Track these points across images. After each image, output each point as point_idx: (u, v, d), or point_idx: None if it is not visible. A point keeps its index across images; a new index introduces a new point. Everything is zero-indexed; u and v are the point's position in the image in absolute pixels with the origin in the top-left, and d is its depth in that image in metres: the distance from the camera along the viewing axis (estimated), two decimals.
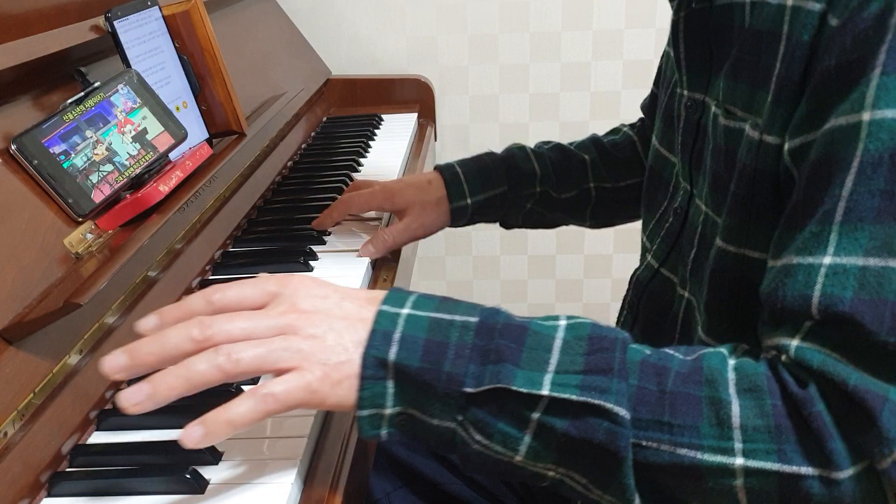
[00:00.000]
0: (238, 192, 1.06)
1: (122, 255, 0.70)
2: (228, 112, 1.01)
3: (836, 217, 0.51)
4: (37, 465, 0.59)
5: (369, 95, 1.68)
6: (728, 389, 0.52)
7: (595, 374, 0.53)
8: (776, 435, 0.51)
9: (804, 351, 0.52)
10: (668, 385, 0.53)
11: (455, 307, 0.57)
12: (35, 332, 0.63)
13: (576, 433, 0.52)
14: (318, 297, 0.57)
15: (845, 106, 0.51)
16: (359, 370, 0.54)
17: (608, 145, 1.03)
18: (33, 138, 0.71)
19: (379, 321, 0.55)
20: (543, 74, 1.77)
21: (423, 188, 0.98)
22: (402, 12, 1.73)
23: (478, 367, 0.53)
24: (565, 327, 0.56)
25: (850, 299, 0.50)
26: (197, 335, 0.54)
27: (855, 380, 0.49)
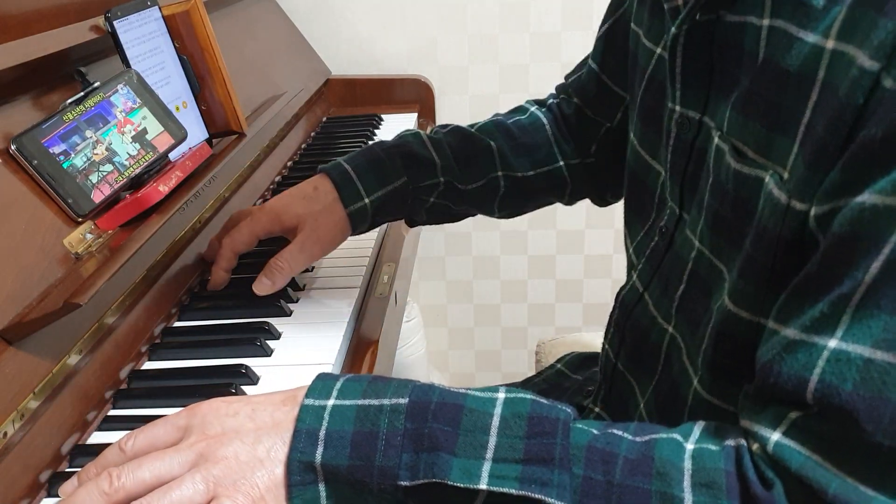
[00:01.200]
0: (238, 192, 1.06)
1: (122, 255, 0.70)
2: (228, 112, 1.01)
3: (853, 301, 0.47)
4: (37, 465, 0.59)
5: (369, 95, 1.68)
6: (682, 483, 0.49)
7: (535, 464, 0.50)
8: None
9: (783, 448, 0.48)
10: (615, 476, 0.50)
11: (384, 388, 0.54)
12: (35, 332, 0.63)
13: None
14: (226, 416, 0.54)
15: (884, 185, 0.46)
16: (283, 479, 0.51)
17: (514, 129, 0.93)
18: (33, 138, 0.71)
19: (302, 419, 0.52)
20: (543, 74, 1.77)
21: (310, 196, 0.84)
22: (402, 12, 1.73)
23: (411, 455, 0.50)
24: (503, 402, 0.53)
25: (849, 392, 0.46)
26: (106, 488, 0.51)
27: (836, 487, 0.46)
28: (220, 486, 0.51)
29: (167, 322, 0.81)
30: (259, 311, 0.82)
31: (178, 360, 0.76)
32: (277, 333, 0.79)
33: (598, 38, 0.92)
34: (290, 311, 0.83)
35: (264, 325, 0.79)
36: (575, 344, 1.17)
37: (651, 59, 0.73)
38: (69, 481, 0.55)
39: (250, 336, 0.77)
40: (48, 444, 0.61)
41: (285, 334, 0.79)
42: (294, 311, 0.83)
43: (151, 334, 0.78)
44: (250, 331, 0.78)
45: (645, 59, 0.74)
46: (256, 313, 0.82)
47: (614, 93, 0.90)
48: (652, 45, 0.73)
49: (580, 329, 1.97)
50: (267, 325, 0.79)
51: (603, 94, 0.92)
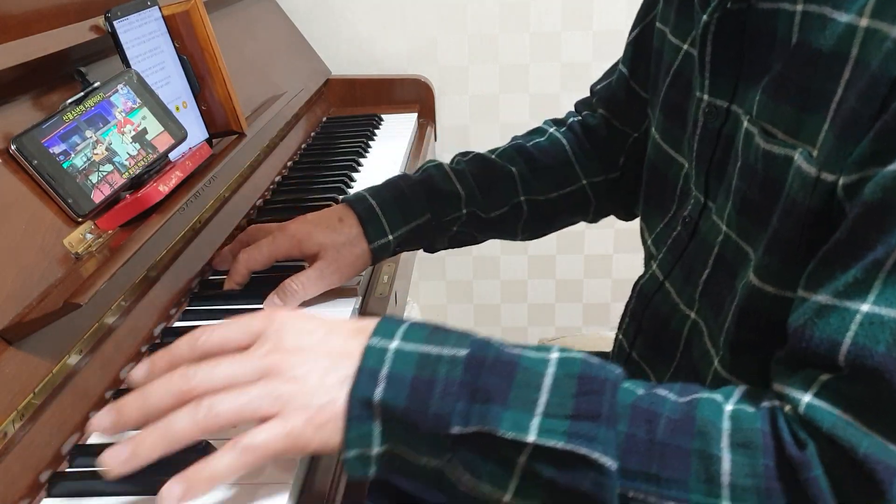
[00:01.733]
0: (238, 192, 1.06)
1: (122, 255, 0.70)
2: (228, 112, 1.01)
3: (885, 266, 0.48)
4: (37, 465, 0.59)
5: (369, 95, 1.68)
6: (720, 443, 0.51)
7: (583, 420, 0.51)
8: (765, 497, 0.49)
9: (815, 409, 0.50)
10: (657, 434, 0.51)
11: (446, 338, 0.55)
12: (35, 332, 0.63)
13: (562, 481, 0.51)
14: (303, 333, 0.56)
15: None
16: (344, 411, 0.53)
17: (534, 152, 0.94)
18: (33, 138, 0.71)
19: (366, 358, 0.54)
20: (543, 74, 1.77)
21: (335, 227, 0.85)
22: (402, 12, 1.73)
23: (465, 405, 0.52)
24: (556, 362, 0.54)
25: (882, 353, 0.47)
26: (180, 386, 0.53)
27: (867, 447, 0.47)
28: (287, 404, 0.52)
29: (167, 322, 0.81)
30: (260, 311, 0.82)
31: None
32: None
33: (627, 44, 0.92)
34: None
35: None
36: (575, 343, 1.17)
37: (678, 54, 0.74)
38: (139, 366, 0.57)
39: None
40: (48, 444, 0.61)
41: None
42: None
43: (151, 334, 0.78)
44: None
45: (671, 54, 0.76)
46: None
47: (642, 99, 0.90)
48: (678, 42, 0.75)
49: (580, 329, 1.97)
50: None
51: (632, 101, 0.92)
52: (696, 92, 0.69)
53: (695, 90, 0.70)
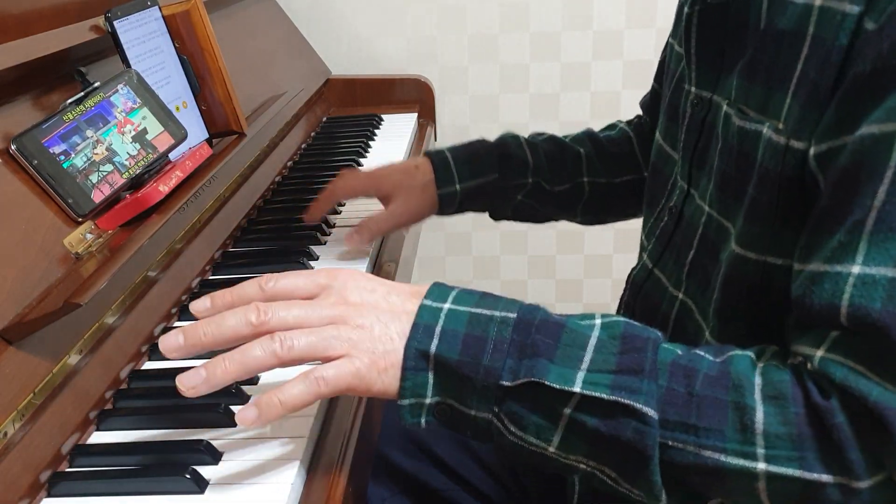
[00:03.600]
0: (238, 192, 1.06)
1: (122, 255, 0.70)
2: (228, 112, 1.01)
3: (866, 227, 0.51)
4: (37, 465, 0.59)
5: (369, 95, 1.67)
6: (754, 395, 0.53)
7: (626, 375, 0.54)
8: (798, 443, 0.52)
9: (827, 363, 0.52)
10: (696, 388, 0.54)
11: (495, 303, 0.59)
12: (35, 332, 0.63)
13: (605, 430, 0.54)
14: (365, 290, 0.60)
15: (879, 114, 0.50)
16: (402, 361, 0.56)
17: (604, 140, 1.00)
18: (33, 138, 0.71)
19: (421, 314, 0.58)
20: (543, 74, 1.77)
21: (411, 172, 0.94)
22: (402, 12, 1.73)
23: (514, 361, 0.55)
24: (600, 325, 0.58)
25: (879, 310, 0.50)
26: (254, 320, 0.56)
27: (876, 395, 0.50)
28: (353, 348, 0.56)
29: (167, 322, 0.81)
30: None
31: (179, 359, 0.75)
32: None
33: (659, 61, 0.95)
34: None
35: None
36: None
37: (680, 61, 0.77)
38: (200, 299, 0.60)
39: None
40: (48, 443, 0.61)
41: None
42: None
43: (151, 334, 0.78)
44: None
45: (675, 62, 0.79)
46: None
47: None
48: (680, 49, 0.78)
49: None
50: None
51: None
52: (685, 85, 0.73)
53: (683, 84, 0.74)
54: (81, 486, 0.59)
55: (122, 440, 0.65)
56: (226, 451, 0.62)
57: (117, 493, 0.59)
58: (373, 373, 0.56)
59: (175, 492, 0.58)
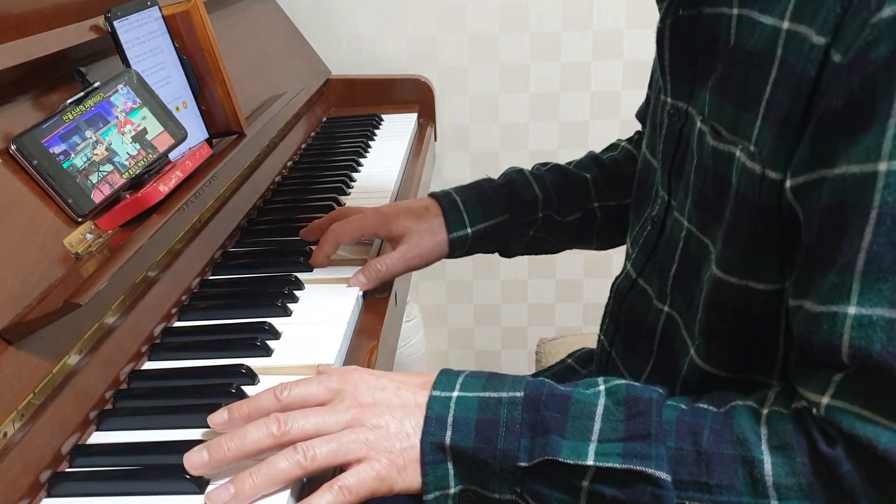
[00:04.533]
0: (238, 192, 1.06)
1: (122, 255, 0.70)
2: (228, 112, 1.01)
3: (857, 267, 0.51)
4: (37, 465, 0.59)
5: (369, 95, 1.67)
6: (760, 447, 0.54)
7: (635, 441, 0.56)
8: (808, 492, 0.52)
9: (833, 411, 0.52)
10: (703, 444, 0.55)
11: (501, 383, 0.61)
12: (35, 332, 0.63)
13: (624, 498, 0.55)
14: (376, 389, 0.61)
15: (858, 153, 0.50)
16: (419, 456, 0.58)
17: (608, 162, 0.99)
18: (33, 138, 0.71)
19: (432, 406, 0.60)
20: (543, 74, 1.77)
21: (420, 215, 0.92)
22: (402, 12, 1.73)
23: (528, 441, 0.57)
24: (605, 392, 0.59)
25: (880, 351, 0.50)
26: (275, 431, 0.58)
27: (885, 441, 0.50)
28: (372, 449, 0.58)
29: (167, 322, 0.81)
30: (259, 311, 0.82)
31: (178, 360, 0.76)
32: (278, 333, 0.78)
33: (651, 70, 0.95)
34: (291, 311, 0.83)
35: (265, 325, 0.79)
36: (576, 343, 1.17)
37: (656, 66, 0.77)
38: (218, 412, 0.62)
39: (251, 336, 0.77)
40: (48, 444, 0.61)
41: (285, 334, 0.79)
42: (294, 311, 0.83)
43: (151, 334, 0.78)
44: (251, 331, 0.78)
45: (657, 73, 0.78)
46: (257, 313, 0.82)
47: None
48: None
49: (580, 329, 1.97)
50: (267, 325, 0.79)
51: None
52: (662, 95, 0.73)
53: (660, 94, 0.74)
54: (81, 487, 0.59)
55: (122, 440, 0.65)
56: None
57: (117, 494, 0.59)
58: (392, 472, 0.58)
59: (175, 492, 0.58)
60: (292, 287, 0.87)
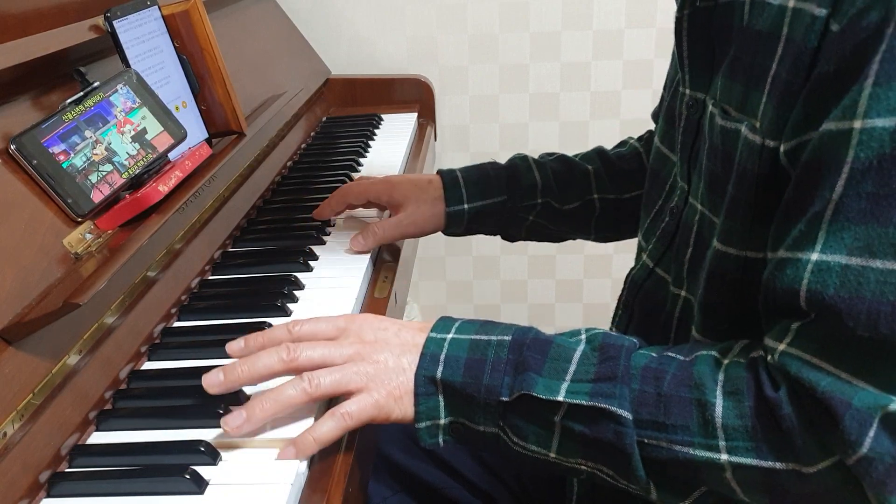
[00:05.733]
0: (238, 192, 1.06)
1: (122, 255, 0.70)
2: (228, 112, 1.01)
3: (825, 217, 0.54)
4: (36, 465, 0.59)
5: (369, 95, 1.67)
6: (715, 392, 0.58)
7: (603, 382, 0.60)
8: (752, 434, 0.56)
9: (785, 356, 0.56)
10: (664, 388, 0.59)
11: (493, 329, 0.66)
12: (35, 332, 0.63)
13: (590, 434, 0.60)
14: (378, 329, 0.67)
15: (837, 112, 0.53)
16: (413, 388, 0.64)
17: (613, 157, 1.01)
18: (32, 138, 0.71)
19: (428, 345, 0.65)
20: (543, 74, 1.77)
21: (423, 187, 0.97)
22: (402, 12, 1.73)
23: (511, 378, 0.62)
24: (585, 339, 0.64)
25: (831, 295, 0.53)
26: (285, 356, 0.64)
27: (825, 385, 0.53)
28: (371, 381, 0.64)
29: (167, 322, 0.81)
30: (259, 311, 0.82)
31: (178, 360, 0.75)
32: None
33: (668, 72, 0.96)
34: (290, 312, 0.83)
35: (264, 325, 0.79)
36: None
37: (673, 60, 0.78)
38: (235, 341, 0.67)
39: None
40: (48, 444, 0.61)
41: None
42: (294, 312, 0.83)
43: (151, 334, 0.78)
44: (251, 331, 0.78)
45: (674, 68, 0.80)
46: (256, 313, 0.82)
47: None
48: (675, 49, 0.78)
49: None
50: (267, 325, 0.79)
51: None
52: (680, 88, 0.74)
53: (679, 87, 0.75)
54: (81, 487, 0.59)
55: (121, 440, 0.65)
56: (225, 452, 0.62)
57: (117, 494, 0.59)
58: (390, 401, 0.63)
59: (174, 492, 0.58)
60: (292, 287, 0.87)
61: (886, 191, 0.51)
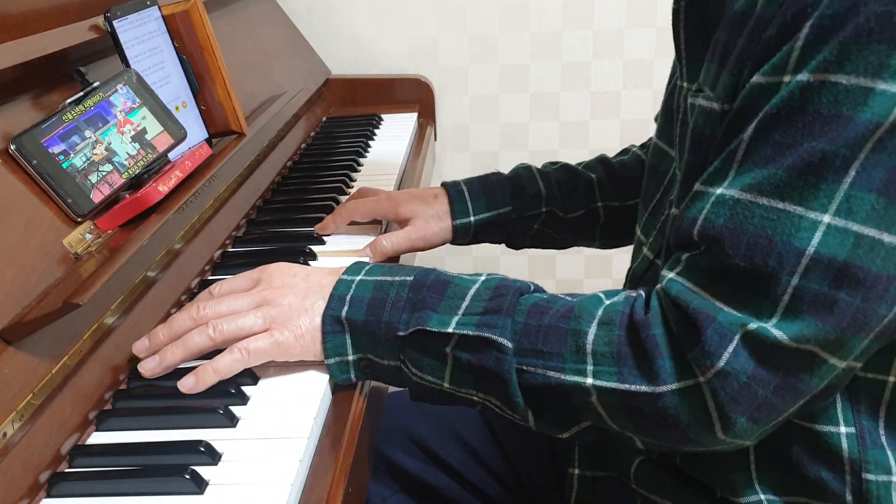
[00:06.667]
0: (237, 192, 1.06)
1: (122, 255, 0.70)
2: (228, 112, 1.01)
3: (736, 157, 0.58)
4: (36, 465, 0.59)
5: (369, 95, 1.67)
6: (590, 322, 0.62)
7: (489, 315, 0.65)
8: (617, 359, 0.61)
9: (671, 282, 0.61)
10: (545, 321, 0.64)
11: (398, 271, 0.71)
12: (35, 332, 0.63)
13: (475, 362, 0.65)
14: (288, 276, 0.73)
15: (766, 68, 0.57)
16: (320, 326, 0.68)
17: (616, 165, 1.02)
18: (32, 138, 0.71)
19: (337, 287, 0.70)
20: (543, 74, 1.77)
21: (429, 201, 0.98)
22: (402, 12, 1.73)
23: (408, 314, 0.67)
24: (482, 281, 0.68)
25: (720, 225, 0.58)
26: (195, 315, 0.71)
27: (696, 303, 0.58)
28: (275, 322, 0.69)
29: None
30: None
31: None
32: None
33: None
34: None
35: None
36: None
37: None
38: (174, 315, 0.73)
39: None
40: (48, 444, 0.61)
41: None
42: None
43: None
44: None
45: (674, 66, 0.79)
46: None
47: None
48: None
49: None
50: None
51: None
52: (679, 81, 0.75)
53: (677, 80, 0.75)
54: (81, 487, 0.59)
55: (121, 440, 0.65)
56: (225, 452, 0.62)
57: (117, 494, 0.59)
58: (291, 339, 0.68)
59: (174, 492, 0.58)
60: None
61: (789, 140, 0.56)
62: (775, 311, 0.56)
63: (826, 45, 0.54)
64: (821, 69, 0.54)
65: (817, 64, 0.54)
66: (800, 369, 0.57)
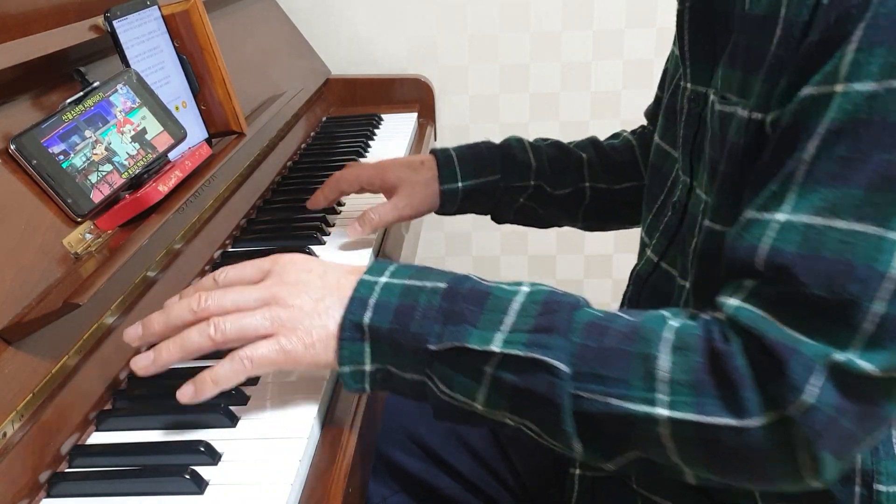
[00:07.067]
0: (237, 192, 1.06)
1: (122, 255, 0.70)
2: (228, 112, 1.01)
3: (796, 178, 0.54)
4: (36, 465, 0.59)
5: (369, 95, 1.67)
6: (659, 346, 0.56)
7: (541, 333, 0.58)
8: (697, 389, 0.55)
9: (739, 310, 0.56)
10: (606, 342, 0.57)
11: (428, 275, 0.64)
12: (35, 332, 0.63)
13: (522, 385, 0.58)
14: (302, 271, 0.65)
15: (818, 77, 0.54)
16: (336, 332, 0.62)
17: (607, 148, 1.02)
18: (32, 138, 0.71)
19: (358, 289, 0.63)
20: (543, 74, 1.77)
21: (415, 167, 0.97)
22: (402, 12, 1.73)
23: (440, 326, 0.60)
24: (526, 293, 0.61)
25: (791, 252, 0.53)
26: (195, 306, 0.63)
27: (773, 334, 0.53)
28: (282, 326, 0.62)
29: None
30: None
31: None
32: None
33: (663, 70, 0.97)
34: None
35: None
36: None
37: (674, 59, 0.79)
38: (173, 298, 0.67)
39: None
40: (48, 444, 0.61)
41: None
42: None
43: None
44: None
45: (674, 66, 0.80)
46: None
47: None
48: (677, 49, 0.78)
49: None
50: None
51: None
52: (681, 82, 0.74)
53: (680, 82, 0.75)
54: (81, 487, 0.59)
55: (121, 440, 0.65)
56: (225, 452, 0.62)
57: (116, 494, 0.59)
58: (299, 347, 0.61)
59: (174, 492, 0.58)
60: None
61: (857, 155, 0.52)
62: (860, 340, 0.52)
63: (885, 48, 0.51)
64: (885, 74, 0.51)
65: (879, 69, 0.51)
66: (882, 397, 0.53)
